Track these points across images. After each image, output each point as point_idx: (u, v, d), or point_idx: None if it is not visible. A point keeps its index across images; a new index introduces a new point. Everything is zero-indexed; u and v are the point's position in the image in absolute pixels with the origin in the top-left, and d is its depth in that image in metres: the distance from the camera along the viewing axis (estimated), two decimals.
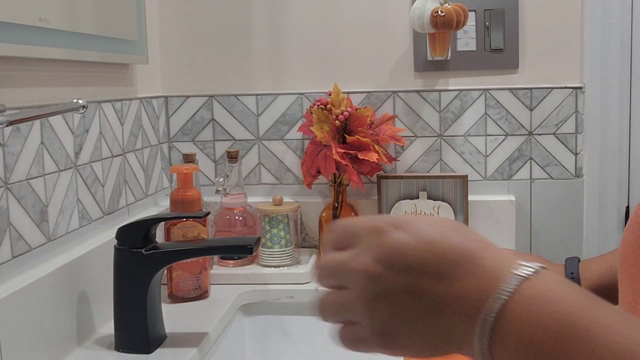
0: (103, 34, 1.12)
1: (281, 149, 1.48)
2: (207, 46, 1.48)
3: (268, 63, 1.47)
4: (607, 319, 0.41)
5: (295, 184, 1.48)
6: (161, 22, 1.48)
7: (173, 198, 1.21)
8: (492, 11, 1.40)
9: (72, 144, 1.04)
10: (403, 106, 1.45)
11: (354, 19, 1.44)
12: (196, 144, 1.49)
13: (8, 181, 0.87)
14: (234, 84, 1.48)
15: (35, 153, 0.93)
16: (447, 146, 1.44)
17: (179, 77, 1.49)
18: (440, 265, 0.43)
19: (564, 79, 1.41)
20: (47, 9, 0.95)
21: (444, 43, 1.35)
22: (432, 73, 1.44)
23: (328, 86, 1.42)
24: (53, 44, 0.97)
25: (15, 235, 0.88)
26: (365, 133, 1.35)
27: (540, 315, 0.41)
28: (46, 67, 0.98)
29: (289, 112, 1.46)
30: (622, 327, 0.40)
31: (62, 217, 1.00)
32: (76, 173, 1.04)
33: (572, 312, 0.41)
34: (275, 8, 1.45)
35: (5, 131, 0.86)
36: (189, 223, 1.17)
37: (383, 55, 1.44)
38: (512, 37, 1.41)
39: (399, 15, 1.43)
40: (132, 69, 1.32)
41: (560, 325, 0.40)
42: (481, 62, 1.42)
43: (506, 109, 1.43)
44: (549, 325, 0.41)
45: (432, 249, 0.44)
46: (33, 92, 0.96)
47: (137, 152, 1.31)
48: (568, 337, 0.40)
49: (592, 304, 0.42)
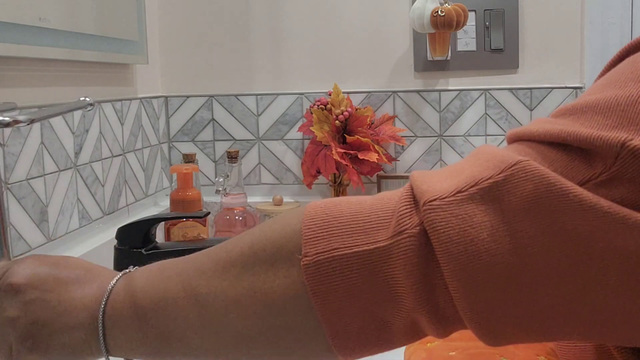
0: (103, 34, 1.12)
1: (281, 149, 1.48)
2: (207, 46, 1.48)
3: (268, 63, 1.47)
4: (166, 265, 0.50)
5: (295, 184, 1.48)
6: (161, 22, 1.48)
7: (173, 198, 1.21)
8: (492, 11, 1.40)
9: (72, 144, 1.04)
10: (403, 106, 1.45)
11: (354, 19, 1.44)
12: (196, 144, 1.49)
13: (8, 181, 0.87)
14: (234, 84, 1.48)
15: (35, 153, 0.93)
16: (447, 146, 1.44)
17: (179, 77, 1.49)
18: (48, 280, 0.51)
19: (564, 79, 1.41)
20: (47, 9, 0.95)
21: (444, 43, 1.35)
22: (432, 73, 1.44)
23: (328, 86, 1.42)
24: (53, 44, 0.97)
25: (15, 235, 0.88)
26: (365, 133, 1.35)
27: (135, 299, 0.49)
28: (46, 67, 0.98)
29: (289, 112, 1.46)
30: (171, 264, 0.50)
31: (62, 217, 1.00)
32: (76, 173, 1.04)
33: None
34: (275, 8, 1.45)
35: (5, 131, 0.86)
36: (189, 223, 1.17)
37: (383, 55, 1.44)
38: (512, 37, 1.41)
39: (399, 15, 1.43)
40: (132, 69, 1.32)
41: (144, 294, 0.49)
42: (481, 62, 1.42)
43: (506, 109, 1.43)
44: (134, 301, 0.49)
45: (46, 268, 0.53)
46: (33, 92, 0.96)
47: (137, 152, 1.31)
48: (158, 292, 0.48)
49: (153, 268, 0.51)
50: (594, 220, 0.35)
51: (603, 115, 0.37)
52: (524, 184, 0.37)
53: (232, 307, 0.45)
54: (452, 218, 0.38)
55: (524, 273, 0.37)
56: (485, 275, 0.37)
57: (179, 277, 0.48)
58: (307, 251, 0.42)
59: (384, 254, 0.40)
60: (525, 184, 0.37)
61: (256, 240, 0.45)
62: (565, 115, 0.40)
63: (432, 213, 0.38)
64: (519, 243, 0.37)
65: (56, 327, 0.50)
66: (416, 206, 0.40)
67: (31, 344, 0.51)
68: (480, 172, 0.39)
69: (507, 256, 0.37)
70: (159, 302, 0.48)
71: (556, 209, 0.36)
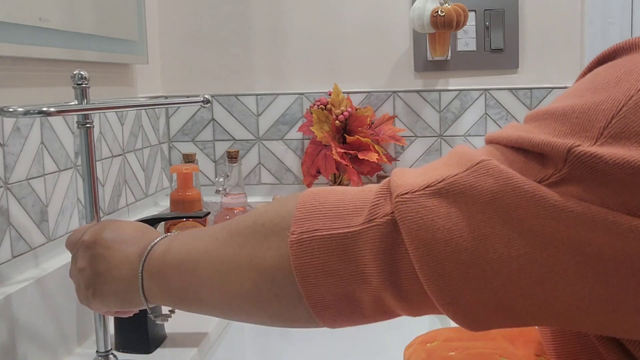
0: (103, 34, 1.12)
1: (281, 149, 1.48)
2: (207, 46, 1.48)
3: (268, 63, 1.47)
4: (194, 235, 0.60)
5: (295, 184, 1.48)
6: (161, 22, 1.48)
7: (173, 198, 1.21)
8: (492, 11, 1.40)
9: (72, 144, 1.04)
10: (403, 106, 1.45)
11: (354, 19, 1.44)
12: (196, 144, 1.49)
13: (8, 181, 0.87)
14: (234, 84, 1.48)
15: (35, 153, 0.93)
16: (447, 146, 1.44)
17: (179, 77, 1.49)
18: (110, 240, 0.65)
19: (564, 79, 1.41)
20: (47, 9, 0.95)
21: (444, 43, 1.35)
22: (432, 73, 1.44)
23: (328, 86, 1.42)
24: (53, 44, 0.97)
25: (15, 235, 0.88)
26: (365, 133, 1.35)
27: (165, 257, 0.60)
28: (46, 67, 0.98)
29: (289, 112, 1.46)
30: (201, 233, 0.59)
31: (62, 217, 1.00)
32: (76, 173, 1.04)
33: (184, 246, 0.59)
34: (275, 8, 1.45)
35: (5, 131, 0.86)
36: (189, 223, 1.17)
37: (383, 55, 1.44)
38: (512, 37, 1.41)
39: (399, 15, 1.43)
40: (132, 69, 1.32)
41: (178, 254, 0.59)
42: (481, 62, 1.42)
43: (506, 109, 1.43)
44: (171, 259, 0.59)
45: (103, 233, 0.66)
46: (33, 92, 0.96)
47: (137, 152, 1.31)
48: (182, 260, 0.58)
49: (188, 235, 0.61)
50: (544, 211, 0.39)
51: (560, 123, 0.41)
52: (485, 179, 0.41)
53: (234, 270, 0.53)
54: (420, 209, 0.43)
55: (486, 260, 0.41)
56: (451, 260, 0.42)
57: (200, 241, 0.57)
58: (294, 230, 0.48)
59: (354, 238, 0.46)
60: (486, 179, 0.41)
61: (259, 216, 0.53)
62: (532, 120, 0.44)
63: (402, 205, 0.43)
64: (481, 232, 0.41)
65: (109, 278, 0.63)
66: (389, 198, 0.45)
67: (93, 291, 0.64)
68: (449, 170, 0.44)
69: (470, 243, 0.41)
70: (182, 260, 0.58)
71: (513, 202, 0.40)
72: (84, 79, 0.78)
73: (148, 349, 0.95)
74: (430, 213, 0.42)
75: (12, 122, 0.87)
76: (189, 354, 0.94)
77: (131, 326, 0.95)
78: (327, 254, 0.47)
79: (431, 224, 0.42)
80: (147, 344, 0.95)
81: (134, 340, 0.95)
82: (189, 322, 1.06)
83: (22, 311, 0.83)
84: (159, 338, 0.98)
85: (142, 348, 0.94)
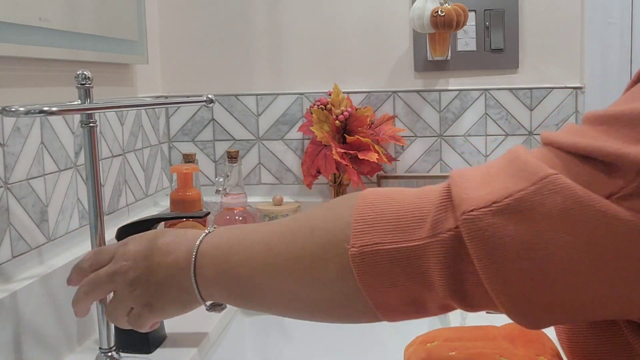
0: (103, 34, 1.12)
1: (281, 149, 1.48)
2: (207, 46, 1.48)
3: (268, 63, 1.47)
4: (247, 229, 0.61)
5: (295, 184, 1.48)
6: (161, 22, 1.48)
7: (173, 198, 1.21)
8: (492, 11, 1.40)
9: (72, 144, 1.04)
10: (403, 106, 1.45)
11: (354, 19, 1.44)
12: (196, 144, 1.49)
13: (8, 181, 0.87)
14: (234, 84, 1.48)
15: (35, 153, 0.93)
16: (447, 146, 1.45)
17: (179, 77, 1.49)
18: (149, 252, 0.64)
19: (564, 79, 1.41)
20: (47, 9, 0.95)
21: (444, 43, 1.35)
22: (432, 73, 1.44)
23: (328, 86, 1.42)
24: (53, 44, 0.97)
25: (15, 235, 0.88)
26: (365, 133, 1.35)
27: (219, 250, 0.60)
28: (46, 67, 0.98)
29: (289, 112, 1.46)
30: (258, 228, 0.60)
31: (62, 217, 1.00)
32: (76, 173, 1.04)
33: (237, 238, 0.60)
34: (275, 8, 1.45)
35: (5, 131, 0.86)
36: (189, 223, 1.17)
37: (383, 55, 1.44)
38: (512, 37, 1.41)
39: (399, 15, 1.43)
40: (132, 69, 1.32)
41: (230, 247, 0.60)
42: (481, 62, 1.42)
43: (506, 109, 1.43)
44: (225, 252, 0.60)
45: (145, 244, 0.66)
46: (33, 92, 0.96)
47: (137, 152, 1.31)
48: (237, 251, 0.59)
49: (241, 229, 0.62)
50: (615, 228, 0.39)
51: (629, 128, 0.40)
52: (553, 197, 0.41)
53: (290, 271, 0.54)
54: (488, 227, 0.43)
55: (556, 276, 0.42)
56: (521, 276, 0.42)
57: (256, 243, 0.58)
58: (354, 242, 0.49)
59: (419, 252, 0.47)
60: (555, 196, 0.41)
61: (316, 226, 0.54)
62: (595, 124, 0.43)
63: (470, 224, 0.43)
64: (549, 250, 0.41)
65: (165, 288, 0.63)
66: (451, 211, 0.46)
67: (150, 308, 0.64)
68: (514, 183, 0.43)
69: (539, 261, 0.42)
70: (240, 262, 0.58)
71: (582, 219, 0.40)
72: (88, 79, 0.78)
73: (148, 349, 0.95)
74: (498, 231, 0.42)
75: (12, 122, 0.87)
76: (189, 354, 0.94)
77: None
78: (391, 266, 0.48)
79: (500, 242, 0.42)
80: (147, 344, 0.95)
81: (134, 340, 0.95)
82: (189, 322, 1.06)
83: (22, 311, 0.83)
84: (159, 338, 0.98)
85: (142, 348, 0.94)
